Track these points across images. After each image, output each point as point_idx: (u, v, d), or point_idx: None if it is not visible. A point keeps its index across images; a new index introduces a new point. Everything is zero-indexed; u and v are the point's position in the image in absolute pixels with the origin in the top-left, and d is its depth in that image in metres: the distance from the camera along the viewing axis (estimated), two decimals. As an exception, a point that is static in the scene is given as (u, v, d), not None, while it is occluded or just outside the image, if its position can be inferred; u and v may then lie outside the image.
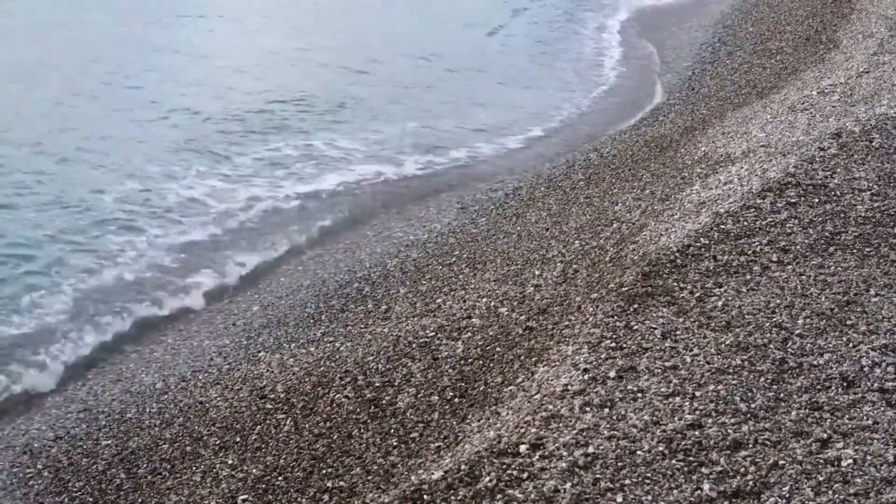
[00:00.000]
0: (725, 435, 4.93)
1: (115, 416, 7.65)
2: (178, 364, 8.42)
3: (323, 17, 23.06)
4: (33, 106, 14.86)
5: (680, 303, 6.30)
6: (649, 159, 11.51)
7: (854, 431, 4.94)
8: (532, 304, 7.56)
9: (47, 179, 12.04)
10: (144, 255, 10.37)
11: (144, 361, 8.61)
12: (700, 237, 7.23)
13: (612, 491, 4.57)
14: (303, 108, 15.69)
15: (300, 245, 11.15)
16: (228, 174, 12.83)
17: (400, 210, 12.14)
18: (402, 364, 7.21)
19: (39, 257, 10.12)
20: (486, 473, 4.80)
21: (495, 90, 17.80)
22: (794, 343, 5.76)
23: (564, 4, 25.60)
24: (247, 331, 8.95)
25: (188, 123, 14.61)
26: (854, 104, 10.53)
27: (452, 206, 11.77)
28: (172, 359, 8.57)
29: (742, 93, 14.54)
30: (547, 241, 9.38)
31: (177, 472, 6.75)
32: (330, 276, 10.02)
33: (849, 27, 16.18)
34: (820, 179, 8.12)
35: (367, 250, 10.74)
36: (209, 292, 9.99)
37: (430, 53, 19.77)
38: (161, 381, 8.10)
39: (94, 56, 17.80)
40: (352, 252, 10.77)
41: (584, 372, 5.56)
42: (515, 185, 12.17)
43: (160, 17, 21.35)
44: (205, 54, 19.04)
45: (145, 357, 8.72)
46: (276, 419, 7.01)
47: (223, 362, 8.32)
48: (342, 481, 6.01)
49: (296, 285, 9.91)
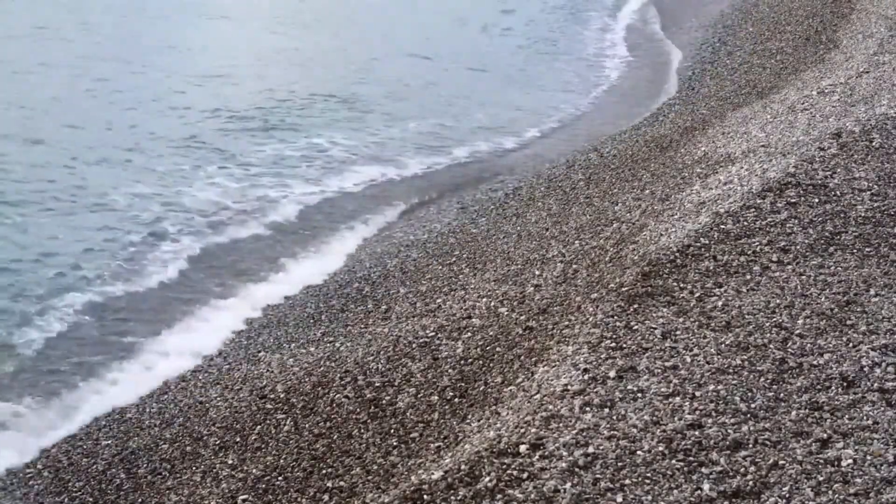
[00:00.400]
0: (725, 435, 4.93)
1: (115, 415, 7.66)
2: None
3: (324, 16, 23.08)
4: (40, 104, 14.86)
5: (680, 303, 6.30)
6: (649, 159, 11.51)
7: (854, 431, 4.94)
8: (532, 304, 7.56)
9: (68, 183, 11.96)
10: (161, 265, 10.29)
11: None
12: (700, 237, 7.23)
13: (612, 491, 4.57)
14: (306, 106, 15.75)
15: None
16: (236, 173, 12.83)
17: (400, 210, 12.16)
18: (402, 364, 7.21)
19: (59, 260, 10.00)
20: (486, 473, 4.80)
21: (497, 89, 17.85)
22: (794, 343, 5.76)
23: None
24: (247, 331, 8.95)
25: (193, 122, 14.61)
26: (854, 104, 10.53)
27: (452, 206, 11.77)
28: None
29: (742, 93, 14.54)
30: (547, 241, 9.38)
31: (177, 472, 6.75)
32: (330, 276, 10.03)
33: (849, 27, 16.18)
34: (820, 179, 8.12)
35: (367, 250, 10.75)
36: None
37: (433, 52, 19.84)
38: (161, 381, 8.12)
39: (96, 55, 17.80)
40: (352, 252, 10.80)
41: (584, 372, 5.56)
42: (515, 185, 12.17)
43: (166, 17, 21.39)
44: (207, 54, 19.07)
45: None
46: (276, 419, 7.01)
47: (223, 362, 8.32)
48: (342, 481, 6.01)
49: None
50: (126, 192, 11.80)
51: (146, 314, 9.33)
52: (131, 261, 10.17)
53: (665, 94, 16.58)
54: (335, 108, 15.88)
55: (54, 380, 8.10)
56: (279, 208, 11.89)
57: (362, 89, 17.02)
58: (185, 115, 14.95)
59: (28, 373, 8.15)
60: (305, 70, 18.27)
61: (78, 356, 8.43)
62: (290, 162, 13.43)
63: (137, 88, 16.19)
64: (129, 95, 15.76)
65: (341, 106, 15.99)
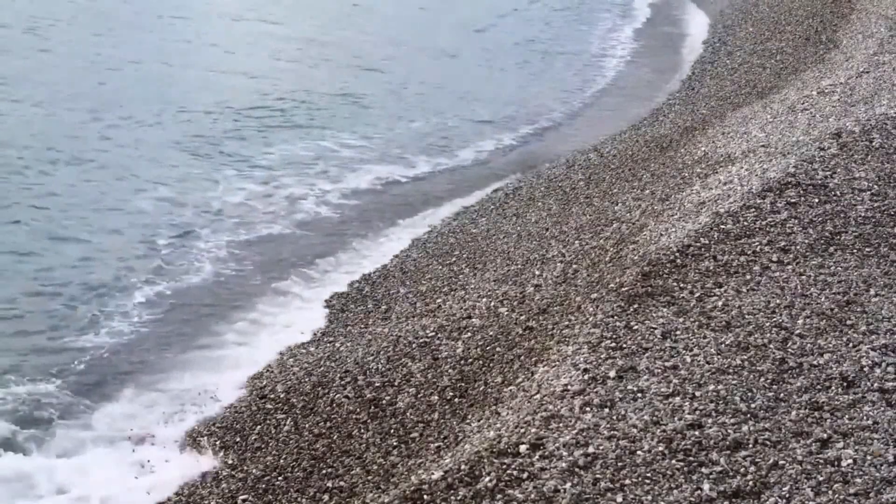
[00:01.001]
0: (725, 435, 4.93)
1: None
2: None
3: (332, 16, 23.14)
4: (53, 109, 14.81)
5: (680, 303, 6.29)
6: (649, 159, 11.51)
7: (854, 431, 4.94)
8: (532, 304, 7.55)
9: (90, 186, 11.89)
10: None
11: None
12: (700, 237, 7.22)
13: (612, 491, 4.57)
14: (310, 106, 15.79)
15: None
16: (250, 174, 12.85)
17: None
18: (402, 364, 7.21)
19: (101, 266, 9.89)
20: (486, 473, 4.80)
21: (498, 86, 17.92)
22: (794, 343, 5.76)
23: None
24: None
25: (198, 122, 14.60)
26: (854, 104, 10.53)
27: (452, 207, 11.78)
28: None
29: (742, 93, 14.55)
30: (547, 241, 9.38)
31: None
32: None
33: (849, 27, 16.19)
34: (820, 179, 8.11)
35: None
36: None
37: (446, 51, 19.97)
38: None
39: (102, 57, 17.79)
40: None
41: (584, 372, 5.56)
42: (515, 185, 12.17)
43: (172, 16, 21.41)
44: (211, 53, 19.05)
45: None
46: (276, 419, 7.00)
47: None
48: (342, 481, 6.01)
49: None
50: (150, 196, 11.74)
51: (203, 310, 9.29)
52: (169, 264, 10.10)
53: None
54: (340, 105, 15.95)
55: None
56: (304, 206, 11.89)
57: (367, 88, 17.08)
58: (194, 115, 14.89)
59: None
60: (312, 69, 18.31)
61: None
62: (294, 161, 13.42)
63: (140, 83, 16.21)
64: (134, 94, 15.75)
65: (346, 103, 16.06)
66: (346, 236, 11.11)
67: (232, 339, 8.71)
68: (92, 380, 7.94)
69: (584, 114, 16.65)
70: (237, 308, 9.29)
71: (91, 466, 6.89)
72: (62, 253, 10.08)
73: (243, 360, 8.25)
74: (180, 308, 9.22)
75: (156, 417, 7.43)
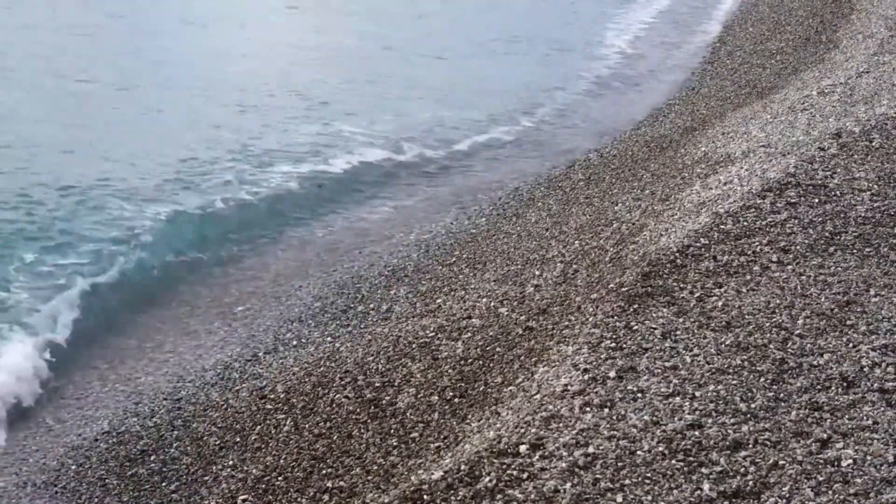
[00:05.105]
0: (725, 435, 4.93)
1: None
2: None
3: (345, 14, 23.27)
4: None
5: (680, 303, 6.29)
6: (649, 159, 11.51)
7: (854, 431, 4.94)
8: (532, 304, 7.56)
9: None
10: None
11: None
12: (700, 237, 7.22)
13: (612, 491, 4.57)
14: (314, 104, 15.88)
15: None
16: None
17: (400, 209, 12.16)
18: (402, 364, 7.21)
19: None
20: (486, 473, 4.80)
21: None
22: (794, 343, 5.76)
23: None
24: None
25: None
26: (854, 104, 10.53)
27: (452, 207, 11.78)
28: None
29: (742, 93, 14.55)
30: (547, 241, 9.38)
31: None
32: (330, 276, 10.03)
33: (849, 27, 16.19)
34: (820, 179, 8.12)
35: (367, 250, 10.75)
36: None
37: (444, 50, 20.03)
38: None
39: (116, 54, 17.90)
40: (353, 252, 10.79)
41: (584, 372, 5.56)
42: (515, 185, 12.17)
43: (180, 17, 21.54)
44: (215, 54, 19.13)
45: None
46: (276, 419, 7.01)
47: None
48: (342, 481, 6.01)
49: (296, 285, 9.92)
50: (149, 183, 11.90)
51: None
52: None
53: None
54: (339, 102, 16.01)
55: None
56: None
57: (370, 85, 17.13)
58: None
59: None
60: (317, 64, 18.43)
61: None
62: (293, 156, 13.47)
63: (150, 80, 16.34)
64: (148, 94, 15.85)
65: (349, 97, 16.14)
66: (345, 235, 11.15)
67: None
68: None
69: (585, 112, 16.65)
70: (233, 304, 9.33)
71: None
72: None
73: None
74: (178, 305, 9.28)
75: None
